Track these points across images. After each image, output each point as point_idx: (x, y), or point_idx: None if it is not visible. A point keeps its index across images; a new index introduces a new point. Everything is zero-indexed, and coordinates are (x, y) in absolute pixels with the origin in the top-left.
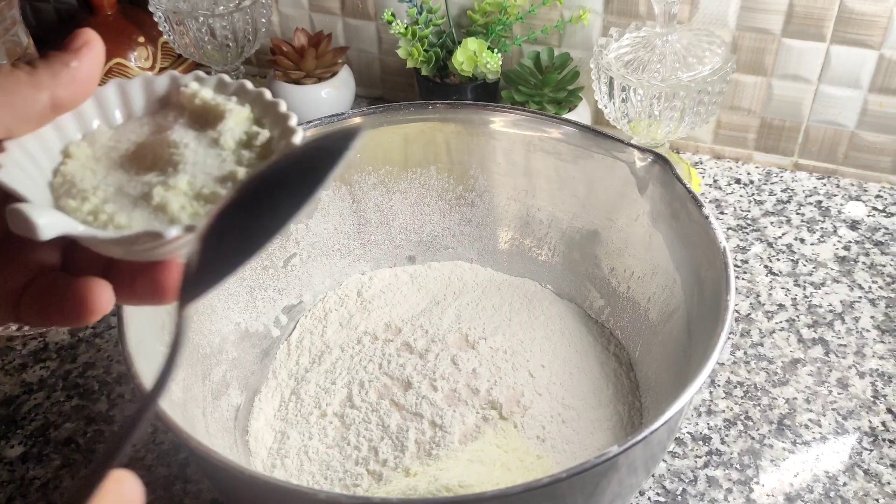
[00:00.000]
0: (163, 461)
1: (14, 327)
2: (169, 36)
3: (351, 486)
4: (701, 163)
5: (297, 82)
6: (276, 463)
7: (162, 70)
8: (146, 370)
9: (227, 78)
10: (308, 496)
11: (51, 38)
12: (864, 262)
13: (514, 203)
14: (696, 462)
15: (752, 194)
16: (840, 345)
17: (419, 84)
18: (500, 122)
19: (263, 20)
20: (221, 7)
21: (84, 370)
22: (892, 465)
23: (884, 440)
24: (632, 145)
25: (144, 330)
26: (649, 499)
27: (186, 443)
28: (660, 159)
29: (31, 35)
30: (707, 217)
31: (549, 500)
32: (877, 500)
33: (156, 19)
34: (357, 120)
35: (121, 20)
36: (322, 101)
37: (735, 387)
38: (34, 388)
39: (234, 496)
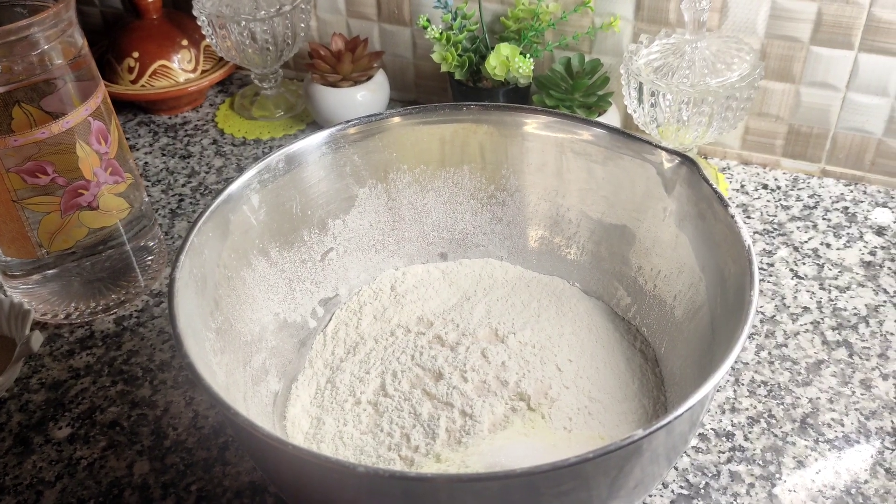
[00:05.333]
0: (203, 445)
1: (62, 315)
2: (211, 39)
3: None
4: (728, 168)
5: (333, 85)
6: (311, 447)
7: (204, 73)
8: (195, 350)
9: None
10: (347, 470)
11: (97, 42)
12: (889, 268)
13: (544, 202)
14: (719, 457)
15: (779, 199)
16: (864, 347)
17: (452, 88)
18: (532, 124)
19: (302, 25)
20: (263, 12)
21: (128, 357)
22: None
23: None
24: (660, 147)
25: (193, 315)
26: (673, 491)
27: (233, 419)
28: (687, 161)
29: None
30: (733, 216)
31: (575, 479)
32: None
33: (199, 23)
34: (396, 120)
35: (165, 24)
36: (358, 103)
37: (759, 386)
38: (81, 374)
39: (275, 471)
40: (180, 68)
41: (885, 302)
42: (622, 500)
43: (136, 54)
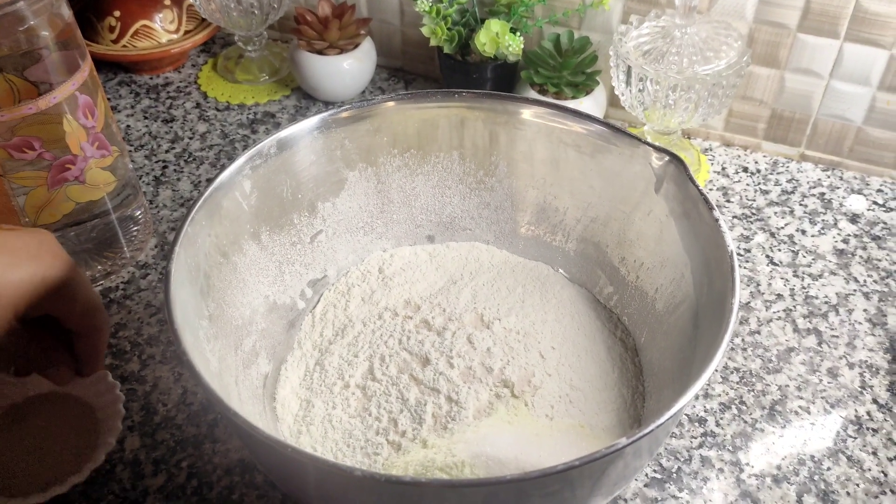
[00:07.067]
0: (192, 421)
1: None
2: (195, 1)
3: (372, 455)
4: (711, 149)
5: (320, 53)
6: (301, 429)
7: (187, 34)
8: (191, 342)
9: None
10: (345, 473)
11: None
12: (861, 256)
13: (532, 190)
14: (691, 442)
15: (759, 183)
16: (833, 336)
17: (440, 60)
18: (524, 114)
19: None
20: None
21: (116, 331)
22: (873, 453)
23: (867, 429)
24: (649, 144)
25: (187, 304)
26: (647, 475)
27: (233, 419)
28: (675, 159)
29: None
30: (717, 220)
31: (562, 483)
32: (857, 485)
33: None
34: (388, 105)
35: None
36: (344, 72)
37: (732, 372)
38: None
39: (266, 462)
40: (163, 28)
41: (854, 291)
42: (604, 494)
43: (117, 13)
